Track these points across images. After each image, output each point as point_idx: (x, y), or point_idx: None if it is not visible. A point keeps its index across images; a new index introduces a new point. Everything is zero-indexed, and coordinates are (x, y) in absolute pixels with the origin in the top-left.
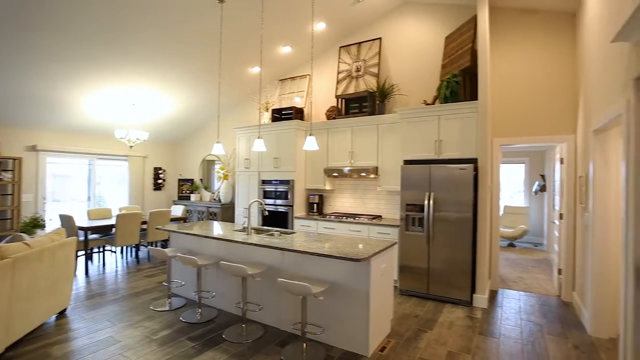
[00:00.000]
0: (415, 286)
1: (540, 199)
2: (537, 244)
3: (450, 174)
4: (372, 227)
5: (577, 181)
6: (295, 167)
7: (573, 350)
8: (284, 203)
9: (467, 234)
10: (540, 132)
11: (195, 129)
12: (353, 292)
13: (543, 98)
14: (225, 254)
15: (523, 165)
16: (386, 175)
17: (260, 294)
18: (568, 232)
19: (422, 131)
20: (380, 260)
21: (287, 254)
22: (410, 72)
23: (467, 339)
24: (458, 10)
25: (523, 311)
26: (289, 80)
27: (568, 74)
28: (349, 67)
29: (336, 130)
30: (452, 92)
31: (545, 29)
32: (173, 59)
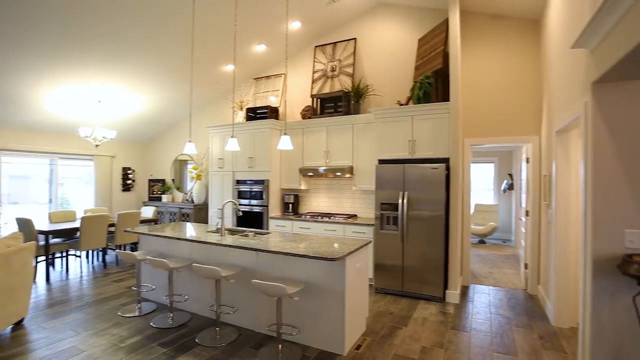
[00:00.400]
0: (390, 284)
1: (508, 197)
2: (506, 240)
3: (423, 173)
4: (348, 226)
5: (541, 180)
6: (270, 167)
7: (538, 340)
8: (259, 203)
9: (439, 232)
10: (508, 133)
11: (167, 128)
12: (328, 292)
13: (510, 100)
14: (198, 256)
15: (492, 165)
16: (361, 175)
17: (234, 296)
18: (533, 228)
19: (396, 131)
20: (355, 259)
21: (261, 254)
22: (385, 72)
23: (440, 334)
24: (431, 13)
25: (492, 305)
26: (264, 79)
27: (533, 77)
28: (325, 67)
29: (311, 129)
30: (425, 93)
31: (513, 34)
32: (142, 55)
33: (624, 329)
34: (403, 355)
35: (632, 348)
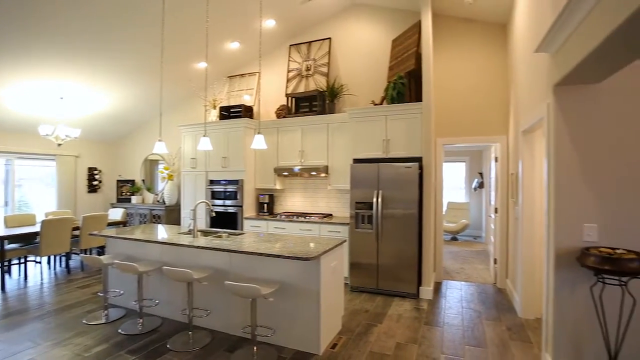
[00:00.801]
0: (366, 282)
1: (479, 195)
2: (477, 236)
3: (397, 172)
4: (323, 225)
5: (509, 178)
6: (244, 167)
7: (506, 331)
8: (233, 203)
9: (413, 230)
10: (478, 133)
11: (136, 127)
12: (303, 292)
13: (480, 101)
14: (170, 258)
15: (464, 164)
16: (336, 174)
17: (207, 298)
18: (502, 224)
19: (371, 131)
20: (330, 258)
21: (235, 255)
22: (359, 72)
23: (414, 329)
24: (404, 15)
25: (464, 300)
26: (237, 78)
27: (501, 79)
28: (299, 66)
29: (286, 129)
30: (399, 93)
31: (482, 37)
32: (109, 51)
33: (583, 317)
34: (378, 352)
35: (590, 334)
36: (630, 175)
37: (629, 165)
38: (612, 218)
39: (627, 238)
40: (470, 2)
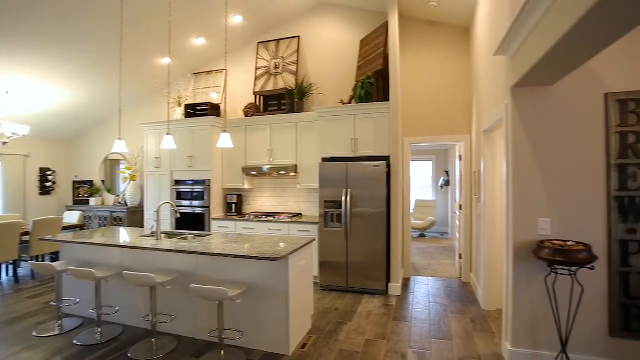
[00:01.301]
0: (336, 280)
1: (445, 193)
2: (444, 233)
3: (365, 171)
4: (292, 225)
5: (472, 176)
6: (211, 166)
7: (470, 323)
8: (200, 204)
9: (381, 228)
10: (443, 132)
11: (95, 124)
12: (272, 292)
13: (445, 102)
14: (131, 263)
15: (430, 163)
16: (305, 173)
17: (172, 303)
18: (466, 221)
19: (340, 130)
20: (298, 257)
21: (201, 257)
22: (328, 71)
23: (383, 326)
24: (372, 15)
25: (431, 295)
26: (204, 75)
27: (465, 81)
28: (268, 64)
29: (255, 127)
30: (367, 93)
31: (447, 40)
32: (63, 42)
33: (538, 306)
34: (348, 349)
35: (544, 321)
36: (579, 173)
37: (578, 163)
38: (564, 213)
39: (577, 231)
40: (435, 5)
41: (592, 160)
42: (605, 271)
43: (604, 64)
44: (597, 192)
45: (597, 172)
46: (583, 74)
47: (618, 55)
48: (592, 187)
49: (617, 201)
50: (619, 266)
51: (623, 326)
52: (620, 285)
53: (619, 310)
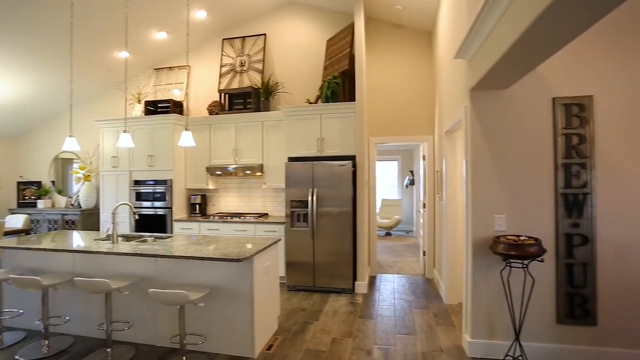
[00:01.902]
0: (302, 280)
1: (410, 192)
2: (409, 231)
3: (331, 170)
4: (258, 225)
5: (435, 175)
6: (173, 166)
7: (433, 318)
8: (162, 205)
9: (348, 227)
10: (408, 133)
11: (43, 121)
12: (236, 294)
13: (409, 103)
14: (85, 269)
15: (396, 162)
16: (272, 173)
17: (130, 309)
18: (429, 219)
19: (306, 129)
20: (264, 258)
21: (161, 261)
22: (295, 70)
23: (349, 324)
24: (338, 16)
25: (396, 291)
26: (165, 70)
27: (428, 83)
28: (233, 61)
29: (219, 126)
30: (333, 93)
31: (411, 42)
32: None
33: (495, 298)
34: (314, 349)
35: (500, 313)
36: (530, 172)
37: (530, 163)
38: (517, 209)
39: (528, 226)
40: (400, 9)
41: (542, 160)
42: (553, 263)
43: (552, 70)
44: (546, 189)
45: (546, 171)
46: (534, 79)
47: (564, 63)
48: (542, 185)
49: (563, 198)
50: (565, 258)
51: (568, 313)
52: (566, 275)
53: (564, 299)
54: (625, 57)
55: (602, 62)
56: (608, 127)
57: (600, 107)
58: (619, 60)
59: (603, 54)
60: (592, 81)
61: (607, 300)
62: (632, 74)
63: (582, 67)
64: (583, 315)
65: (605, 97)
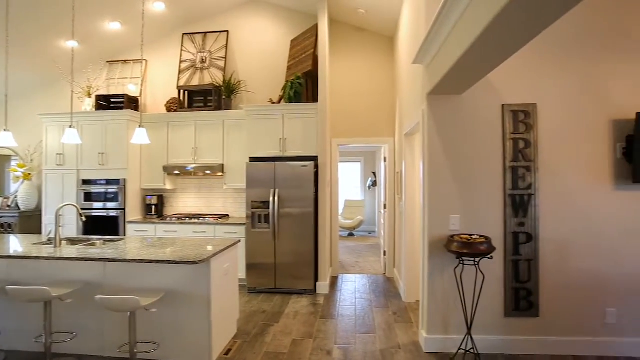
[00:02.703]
0: (264, 282)
1: (373, 193)
2: (371, 231)
3: (293, 171)
4: (218, 227)
5: (395, 177)
6: (127, 165)
7: (392, 316)
8: (115, 206)
9: (310, 228)
10: (369, 135)
11: None
12: (193, 298)
13: (372, 105)
14: (21, 276)
15: (359, 164)
16: (232, 173)
17: (74, 319)
18: (390, 219)
19: (268, 129)
20: (222, 260)
21: (110, 265)
22: (258, 69)
23: (310, 325)
24: (303, 16)
25: (357, 291)
26: (120, 64)
27: (389, 86)
28: (194, 57)
29: (178, 124)
30: (296, 93)
31: (374, 46)
32: None
33: (449, 294)
34: (273, 351)
35: (454, 308)
36: (482, 174)
37: (482, 165)
38: (471, 209)
39: (480, 225)
40: (363, 13)
41: (493, 162)
42: (502, 260)
43: (502, 79)
44: (496, 190)
45: (496, 173)
46: (486, 86)
47: (512, 72)
48: (492, 187)
49: (511, 198)
50: (512, 255)
51: (514, 307)
52: (512, 271)
53: (511, 293)
54: (563, 69)
55: (545, 73)
56: (549, 133)
57: (543, 115)
58: (559, 71)
59: (546, 65)
60: (537, 90)
61: (548, 293)
62: (568, 84)
63: (528, 77)
64: (527, 307)
65: (547, 105)
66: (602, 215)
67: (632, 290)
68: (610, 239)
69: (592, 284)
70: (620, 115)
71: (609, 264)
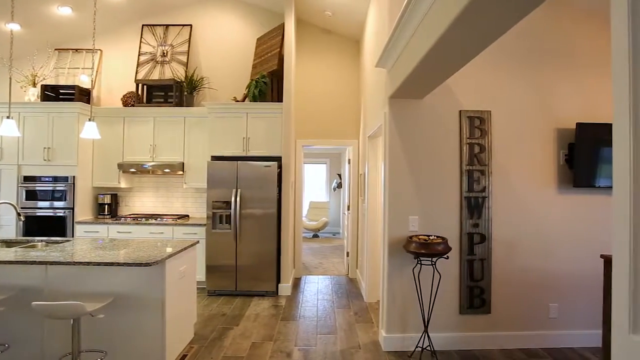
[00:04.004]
0: (224, 284)
1: (338, 195)
2: (336, 233)
3: (256, 171)
4: (177, 227)
5: (359, 178)
6: (77, 161)
7: (353, 316)
8: (63, 205)
9: (272, 229)
10: (334, 136)
11: None
12: (145, 302)
13: (337, 107)
14: None
15: (325, 166)
16: (193, 172)
17: (6, 329)
18: (353, 220)
19: (231, 127)
20: (178, 262)
21: (52, 269)
22: (222, 66)
23: (270, 327)
24: (269, 15)
25: (320, 292)
26: (70, 52)
27: (354, 88)
28: (154, 50)
29: (135, 119)
30: (261, 92)
31: (339, 49)
32: None
33: (408, 294)
34: (232, 355)
35: (412, 307)
36: (441, 176)
37: (440, 168)
38: (429, 210)
39: (438, 226)
40: (330, 15)
41: (450, 166)
42: (457, 259)
43: (460, 85)
44: (453, 193)
45: (454, 176)
46: (445, 91)
47: (469, 79)
48: (450, 189)
49: (467, 201)
50: (467, 255)
51: (468, 304)
52: (467, 270)
53: (466, 291)
54: (515, 78)
55: (499, 82)
56: (501, 139)
57: (496, 121)
58: (511, 80)
59: (500, 75)
60: (491, 98)
61: (499, 291)
62: (519, 93)
63: (483, 85)
64: (480, 305)
65: (500, 112)
66: (546, 217)
67: (572, 287)
68: (553, 239)
69: (537, 281)
70: (563, 124)
71: (552, 263)
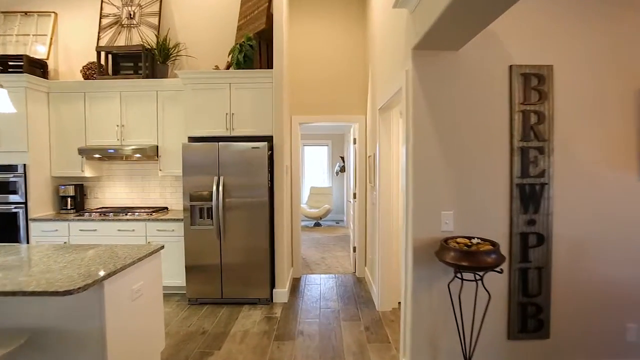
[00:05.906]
0: (208, 291)
1: (341, 179)
2: (339, 220)
3: (243, 154)
4: (151, 223)
5: (367, 161)
6: (28, 146)
7: (364, 332)
8: (14, 200)
9: (263, 222)
10: (337, 111)
11: None
12: (76, 339)
13: (340, 76)
14: None
15: (326, 148)
16: (170, 157)
17: None
18: (360, 211)
19: (211, 102)
20: (129, 278)
21: None
22: (201, 30)
23: (261, 351)
24: None
25: (323, 297)
26: (19, 16)
27: (361, 54)
28: (118, 12)
29: (99, 94)
30: (246, 58)
31: (343, 5)
32: None
33: (439, 314)
34: None
35: (444, 332)
36: (483, 156)
37: (482, 145)
38: (467, 203)
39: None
40: None
41: (497, 142)
42: (506, 268)
43: (510, 31)
44: (500, 179)
45: (502, 156)
46: (490, 40)
47: (523, 25)
48: (495, 173)
49: (519, 189)
50: (519, 262)
51: (520, 327)
52: (519, 282)
53: (517, 311)
54: (587, 24)
55: (564, 28)
56: (567, 105)
57: (560, 80)
58: (582, 27)
59: (565, 19)
60: (554, 48)
61: (560, 309)
62: (592, 43)
63: (543, 32)
64: (536, 327)
65: (567, 68)
66: (626, 211)
67: None
68: (635, 241)
69: (612, 295)
70: None
71: (631, 271)
